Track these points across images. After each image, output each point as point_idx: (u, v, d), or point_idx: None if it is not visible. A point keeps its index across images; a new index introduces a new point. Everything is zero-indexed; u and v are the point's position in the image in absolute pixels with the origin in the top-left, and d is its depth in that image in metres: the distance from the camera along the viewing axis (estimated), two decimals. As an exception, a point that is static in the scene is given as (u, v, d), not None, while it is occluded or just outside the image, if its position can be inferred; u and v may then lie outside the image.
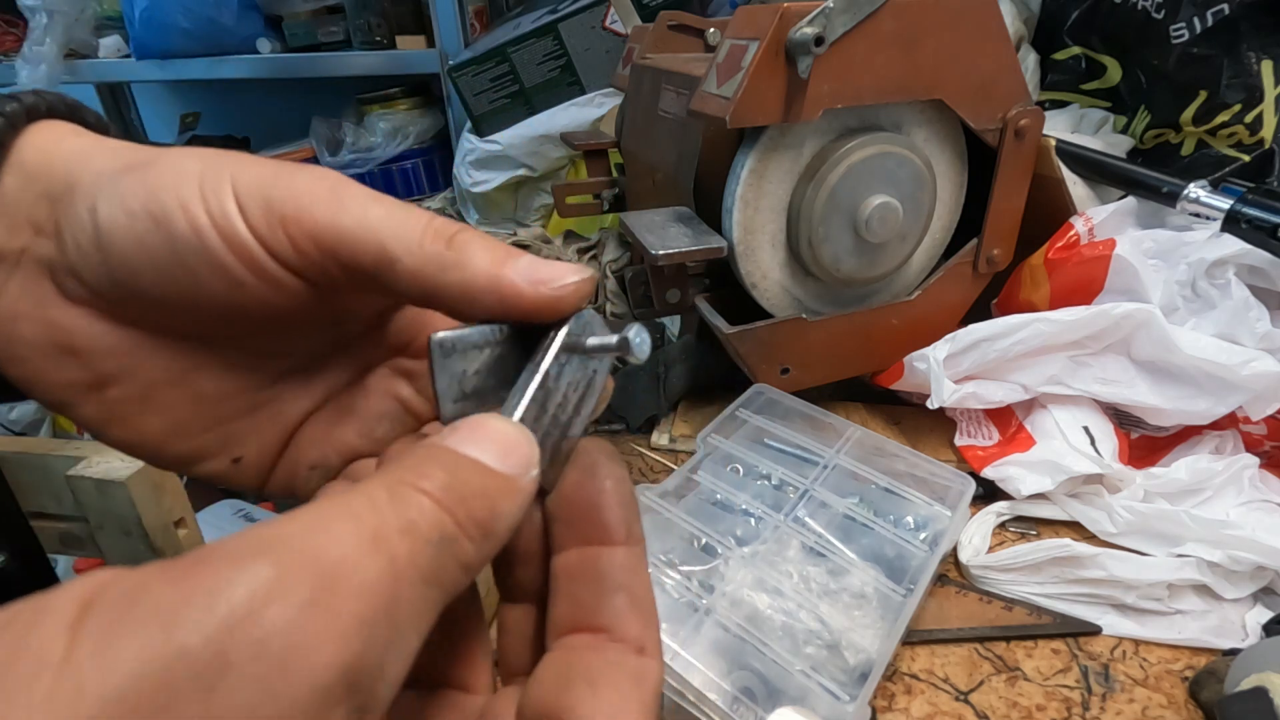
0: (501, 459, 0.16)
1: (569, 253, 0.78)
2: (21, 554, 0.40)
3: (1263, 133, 0.60)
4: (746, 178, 0.46)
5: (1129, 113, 0.69)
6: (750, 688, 0.33)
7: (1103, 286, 0.51)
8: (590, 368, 0.20)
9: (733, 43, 0.43)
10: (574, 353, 0.19)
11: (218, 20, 1.27)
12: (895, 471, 0.43)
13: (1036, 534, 0.47)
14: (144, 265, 0.19)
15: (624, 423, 0.58)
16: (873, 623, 0.36)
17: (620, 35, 1.01)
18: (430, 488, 0.15)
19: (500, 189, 1.09)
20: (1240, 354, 0.44)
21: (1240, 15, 0.58)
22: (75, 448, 0.43)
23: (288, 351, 0.23)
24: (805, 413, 0.48)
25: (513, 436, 0.17)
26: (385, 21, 1.27)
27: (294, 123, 1.49)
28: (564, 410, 0.19)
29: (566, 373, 0.19)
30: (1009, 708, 0.36)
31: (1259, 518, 0.43)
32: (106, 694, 0.11)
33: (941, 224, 0.54)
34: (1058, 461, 0.46)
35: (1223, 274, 0.48)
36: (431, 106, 1.41)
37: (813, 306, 0.53)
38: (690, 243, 0.46)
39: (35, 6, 1.28)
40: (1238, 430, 0.48)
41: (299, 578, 0.12)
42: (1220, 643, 0.39)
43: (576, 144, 0.73)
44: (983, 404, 0.50)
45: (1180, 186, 0.52)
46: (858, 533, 0.40)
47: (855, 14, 0.41)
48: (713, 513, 0.42)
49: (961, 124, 0.49)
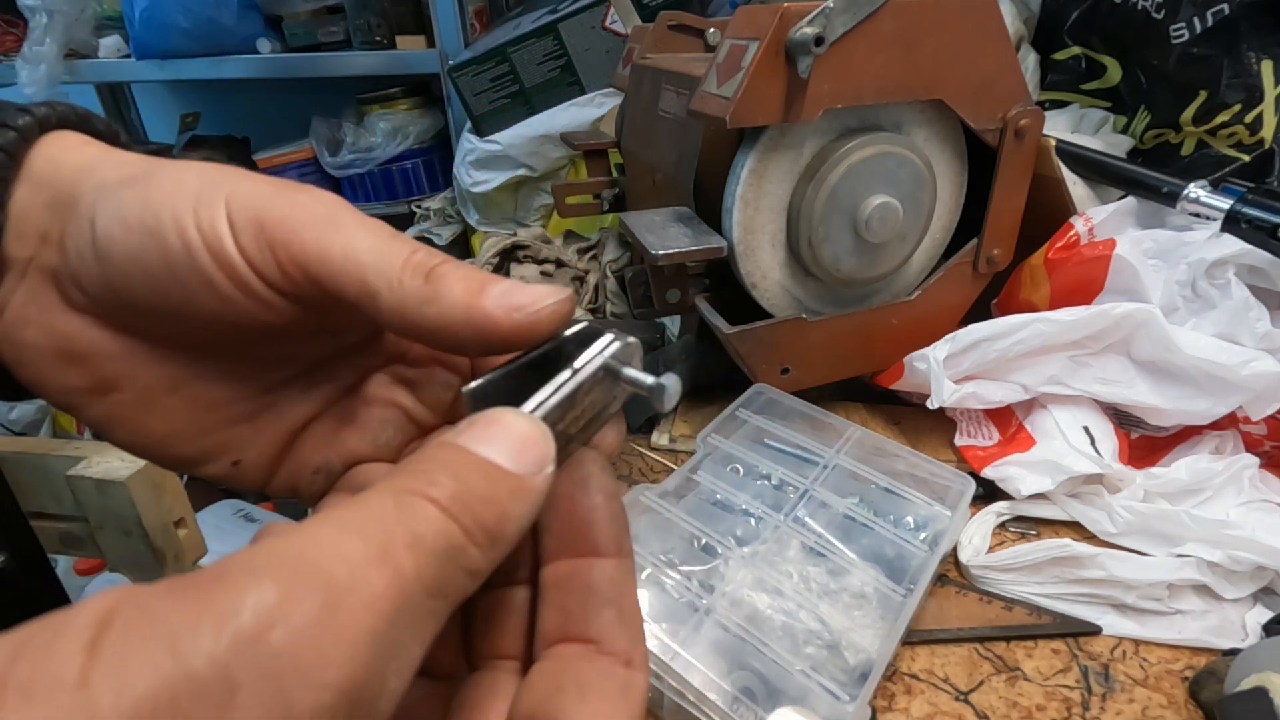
0: (515, 456, 0.16)
1: (569, 253, 0.78)
2: (21, 554, 0.40)
3: (1263, 133, 0.60)
4: (746, 178, 0.46)
5: (1129, 113, 0.69)
6: (750, 688, 0.33)
7: (1103, 286, 0.51)
8: (613, 395, 0.20)
9: (733, 43, 0.43)
10: (609, 377, 0.20)
11: (218, 20, 1.27)
12: (895, 471, 0.43)
13: (1036, 534, 0.47)
14: (138, 277, 0.19)
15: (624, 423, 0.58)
16: (873, 623, 0.36)
17: (620, 35, 1.01)
18: (438, 495, 0.15)
19: (500, 189, 1.09)
20: (1240, 354, 0.44)
21: (1240, 15, 0.58)
22: (75, 448, 0.43)
23: (285, 360, 0.23)
24: (805, 413, 0.48)
25: (529, 433, 0.17)
26: (385, 21, 1.27)
27: (294, 123, 1.49)
28: (574, 425, 0.19)
29: (595, 391, 0.19)
30: (1009, 708, 0.36)
31: (1259, 518, 0.43)
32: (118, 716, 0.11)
33: (941, 224, 0.54)
34: (1058, 461, 0.46)
35: (1223, 274, 0.48)
36: (431, 106, 1.41)
37: (813, 306, 0.53)
38: (690, 243, 0.46)
39: (35, 6, 1.28)
40: (1238, 430, 0.48)
41: (305, 597, 0.12)
42: (1220, 643, 0.39)
43: (576, 144, 0.73)
44: (983, 404, 0.50)
45: (1180, 186, 0.52)
46: (858, 533, 0.40)
47: (855, 14, 0.41)
48: (713, 513, 0.42)
49: (961, 124, 0.49)
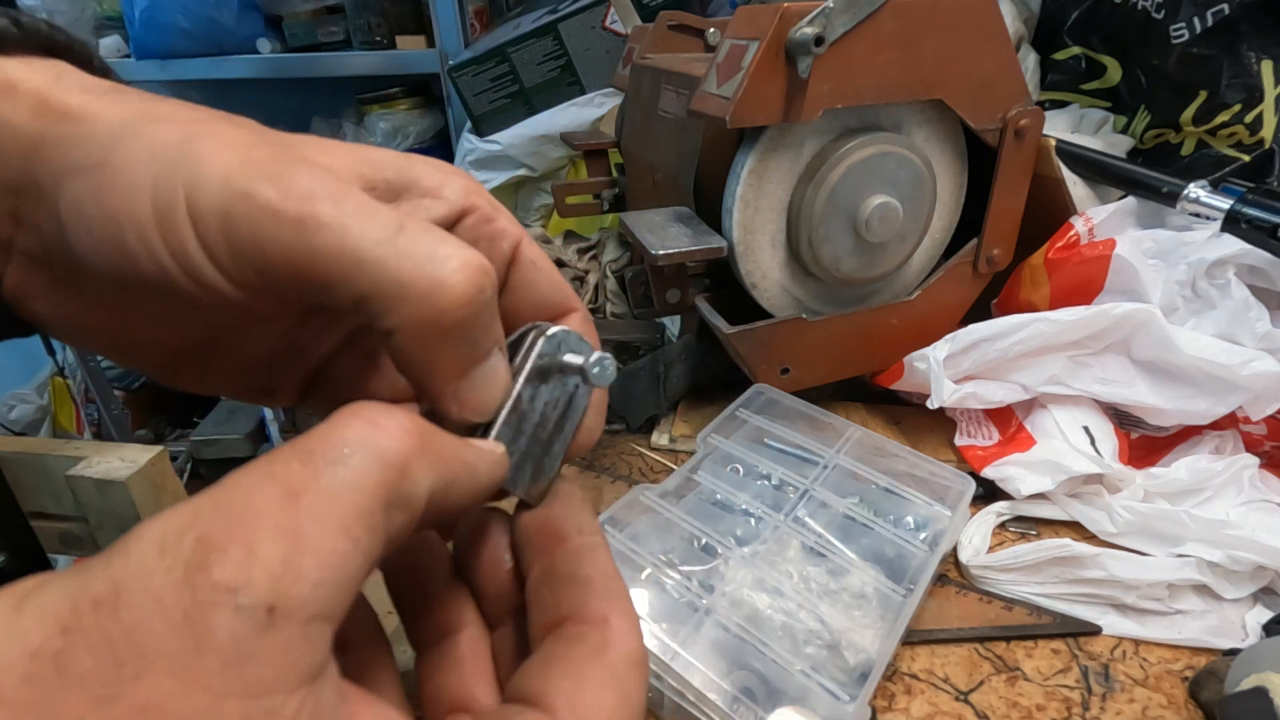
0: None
1: (569, 253, 0.78)
2: (21, 554, 0.40)
3: (1263, 133, 0.60)
4: (746, 178, 0.46)
5: (1129, 113, 0.69)
6: (750, 688, 0.33)
7: (1103, 286, 0.51)
8: (569, 386, 0.20)
9: (733, 43, 0.43)
10: (547, 376, 0.20)
11: (218, 20, 1.27)
12: (895, 471, 0.43)
13: (1036, 534, 0.47)
14: (121, 286, 0.18)
15: (624, 423, 0.58)
16: (873, 623, 0.36)
17: (620, 35, 1.01)
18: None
19: (500, 189, 1.09)
20: (1240, 354, 0.44)
21: (1240, 15, 0.58)
22: (75, 448, 0.43)
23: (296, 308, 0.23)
24: (805, 413, 0.48)
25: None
26: (385, 21, 1.27)
27: (294, 123, 1.47)
28: (544, 429, 0.20)
29: (543, 393, 0.20)
30: (1009, 708, 0.36)
31: (1259, 518, 0.43)
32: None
33: (941, 224, 0.54)
34: (1058, 461, 0.46)
35: (1223, 274, 0.48)
36: (431, 106, 1.41)
37: (813, 306, 0.53)
38: (690, 243, 0.46)
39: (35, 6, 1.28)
40: (1238, 430, 0.48)
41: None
42: (1220, 643, 0.39)
43: (576, 144, 0.73)
44: (983, 404, 0.50)
45: (1180, 186, 0.52)
46: (858, 533, 0.40)
47: (855, 14, 0.41)
48: (713, 513, 0.42)
49: (961, 124, 0.49)
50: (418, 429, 0.16)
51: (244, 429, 1.37)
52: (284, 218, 0.16)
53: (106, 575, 0.13)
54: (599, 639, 0.17)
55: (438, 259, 0.16)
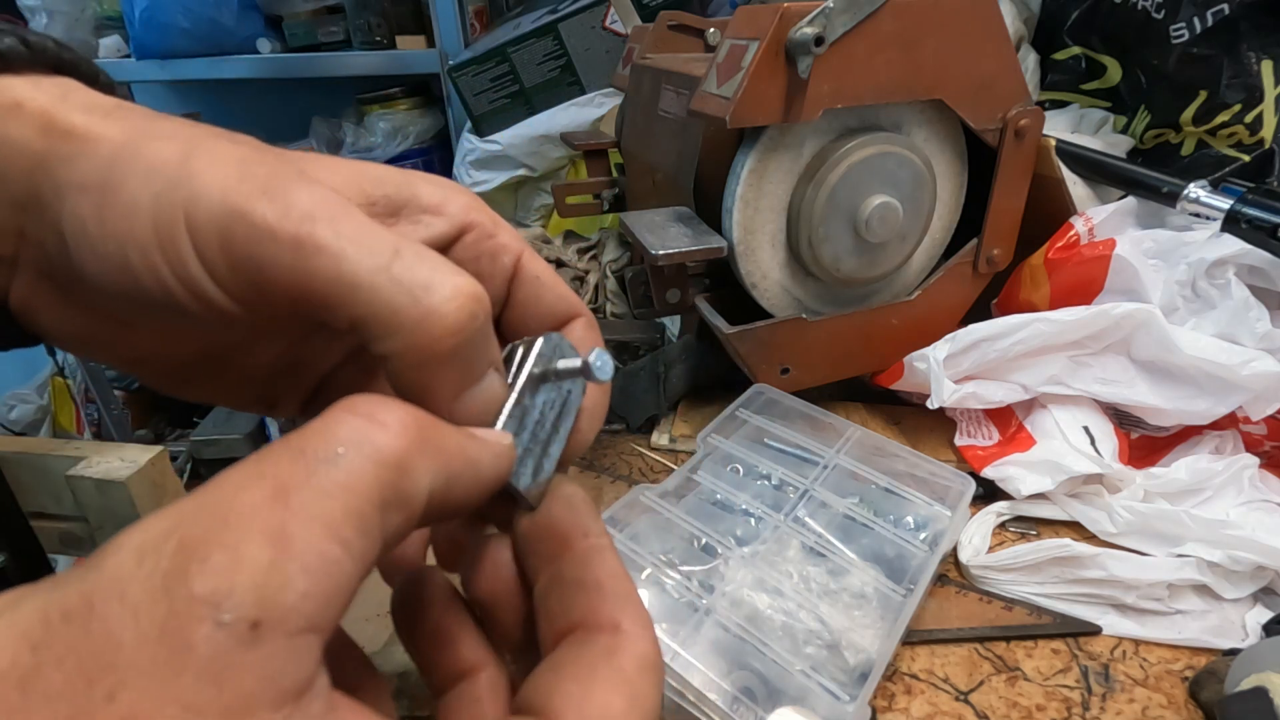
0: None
1: (569, 253, 0.78)
2: (21, 554, 0.40)
3: (1263, 133, 0.60)
4: (746, 178, 0.46)
5: (1129, 113, 0.69)
6: (750, 688, 0.33)
7: (1103, 286, 0.51)
8: (565, 388, 0.21)
9: (733, 43, 0.43)
10: (544, 379, 0.20)
11: (218, 20, 1.27)
12: (895, 471, 0.43)
13: (1036, 534, 0.47)
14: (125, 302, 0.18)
15: (624, 423, 0.58)
16: (873, 623, 0.36)
17: (620, 35, 1.01)
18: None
19: (500, 189, 1.09)
20: (1240, 354, 0.44)
21: (1240, 15, 0.58)
22: (75, 448, 0.43)
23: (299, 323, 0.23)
24: (805, 413, 0.48)
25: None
26: (385, 21, 1.27)
27: (294, 123, 1.49)
28: (542, 428, 0.20)
29: (542, 393, 0.20)
30: (1009, 708, 0.36)
31: (1259, 518, 0.43)
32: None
33: (941, 224, 0.54)
34: (1058, 461, 0.46)
35: (1223, 274, 0.47)
36: (431, 106, 1.41)
37: (813, 306, 0.53)
38: (690, 243, 0.46)
39: (35, 6, 1.28)
40: (1238, 430, 0.48)
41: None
42: (1220, 643, 0.39)
43: (576, 144, 0.73)
44: (983, 404, 0.50)
45: (1180, 186, 0.52)
46: (858, 533, 0.40)
47: (855, 14, 0.41)
48: (713, 513, 0.42)
49: (961, 124, 0.49)
50: (417, 422, 0.15)
51: (244, 429, 1.37)
52: (281, 237, 0.16)
53: (80, 586, 0.12)
54: (609, 643, 0.17)
55: (431, 288, 0.16)
